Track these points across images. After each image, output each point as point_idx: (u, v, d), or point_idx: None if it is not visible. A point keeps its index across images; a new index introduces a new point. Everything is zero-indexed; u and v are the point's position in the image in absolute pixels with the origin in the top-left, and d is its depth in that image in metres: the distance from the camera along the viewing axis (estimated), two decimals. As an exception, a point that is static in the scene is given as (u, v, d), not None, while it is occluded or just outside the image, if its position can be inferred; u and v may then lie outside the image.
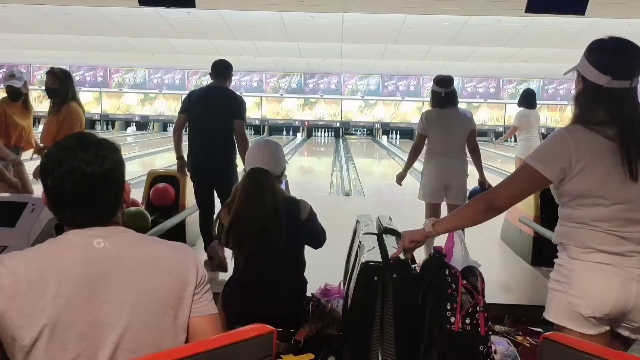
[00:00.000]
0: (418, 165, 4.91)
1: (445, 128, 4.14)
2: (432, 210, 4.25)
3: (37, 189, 5.00)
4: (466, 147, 4.25)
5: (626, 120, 1.66)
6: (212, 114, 4.12)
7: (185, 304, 1.34)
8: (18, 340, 1.22)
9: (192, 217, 4.75)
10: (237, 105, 4.21)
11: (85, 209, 1.31)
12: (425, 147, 4.27)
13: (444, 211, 4.25)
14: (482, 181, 4.30)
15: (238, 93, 4.43)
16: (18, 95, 4.98)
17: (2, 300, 1.22)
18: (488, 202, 1.80)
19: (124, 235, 1.35)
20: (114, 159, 1.35)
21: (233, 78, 4.40)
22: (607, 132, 1.65)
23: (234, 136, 4.14)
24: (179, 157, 4.40)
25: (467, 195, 4.24)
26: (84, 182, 1.29)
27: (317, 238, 2.64)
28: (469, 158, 4.28)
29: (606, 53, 1.71)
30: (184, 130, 4.32)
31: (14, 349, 1.23)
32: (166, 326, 1.30)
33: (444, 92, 4.14)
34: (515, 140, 7.93)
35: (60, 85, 4.71)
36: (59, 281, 1.24)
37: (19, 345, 1.22)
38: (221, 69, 4.31)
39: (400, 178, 4.50)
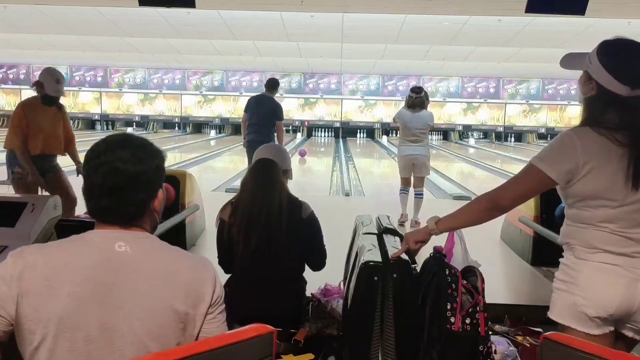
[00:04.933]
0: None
1: (410, 125, 5.79)
2: (405, 181, 6.04)
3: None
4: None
5: (638, 127, 1.65)
6: (261, 113, 6.70)
7: (197, 321, 1.31)
8: (29, 335, 1.22)
9: (192, 217, 4.76)
10: (277, 110, 6.79)
11: (110, 203, 1.31)
12: (398, 136, 6.12)
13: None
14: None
15: (237, 93, 6.19)
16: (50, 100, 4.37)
17: (18, 293, 1.22)
18: (492, 201, 1.79)
19: (146, 242, 1.33)
20: (150, 163, 1.34)
21: (233, 78, 5.31)
22: (616, 135, 1.64)
23: (275, 128, 6.75)
24: (245, 137, 6.87)
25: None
26: (113, 177, 1.30)
27: (318, 252, 2.62)
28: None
29: (624, 61, 1.67)
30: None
31: (24, 343, 1.23)
32: (174, 339, 1.29)
33: (414, 97, 5.79)
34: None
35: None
36: (73, 280, 1.23)
37: (29, 339, 1.22)
38: (270, 84, 6.95)
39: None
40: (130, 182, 1.31)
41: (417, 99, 5.73)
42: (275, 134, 6.83)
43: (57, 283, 1.22)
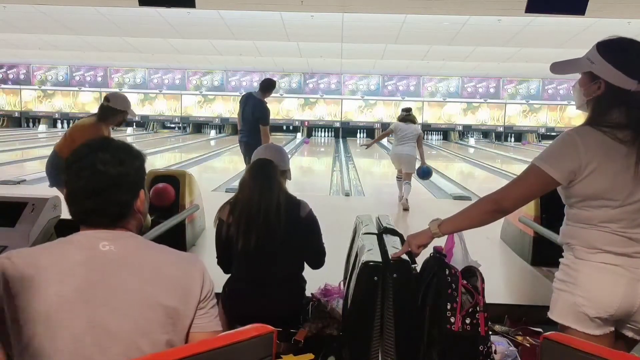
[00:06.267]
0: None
1: (402, 132, 7.27)
2: (399, 170, 7.38)
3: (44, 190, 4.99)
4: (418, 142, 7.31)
5: None
6: (245, 115, 6.60)
7: (187, 317, 1.32)
8: (16, 335, 1.23)
9: (192, 217, 4.75)
10: (261, 114, 6.50)
11: (94, 206, 1.33)
12: (393, 140, 7.50)
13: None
14: (423, 163, 7.36)
15: (237, 93, 6.34)
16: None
17: (4, 295, 1.23)
18: (495, 203, 1.78)
19: (130, 241, 1.34)
20: (131, 164, 1.37)
21: (233, 78, 5.20)
22: (617, 134, 1.64)
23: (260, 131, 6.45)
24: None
25: (415, 171, 7.32)
26: (96, 179, 1.32)
27: (317, 251, 2.63)
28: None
29: (631, 56, 1.67)
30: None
31: (12, 343, 1.24)
32: (163, 335, 1.29)
33: (405, 114, 7.41)
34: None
35: None
36: (60, 280, 1.24)
37: (17, 340, 1.23)
38: (262, 85, 6.75)
39: (367, 145, 8.64)
40: (113, 184, 1.33)
41: (407, 116, 7.44)
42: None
43: (43, 283, 1.24)
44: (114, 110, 4.48)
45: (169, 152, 16.37)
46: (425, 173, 7.44)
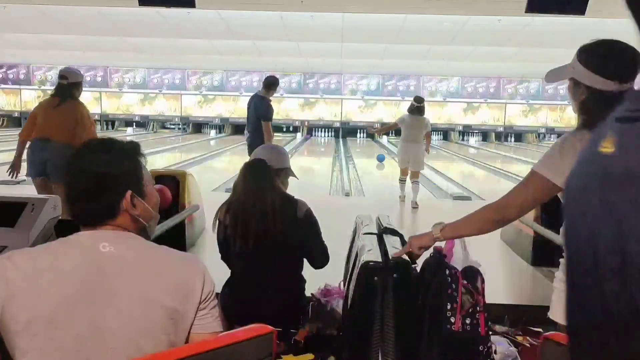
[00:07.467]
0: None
1: (409, 128, 7.12)
2: (403, 171, 7.35)
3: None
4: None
5: None
6: (249, 114, 6.76)
7: (188, 317, 1.32)
8: (16, 337, 1.23)
9: (192, 217, 4.75)
10: (262, 110, 6.56)
11: (85, 206, 1.34)
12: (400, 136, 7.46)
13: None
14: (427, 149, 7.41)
15: (237, 93, 6.84)
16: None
17: (5, 295, 1.23)
18: (498, 213, 1.77)
19: (131, 242, 1.35)
20: (119, 165, 1.37)
21: (233, 78, 5.39)
22: None
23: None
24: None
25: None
26: (92, 180, 1.34)
27: (318, 250, 2.60)
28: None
29: (605, 57, 1.68)
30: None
31: (12, 346, 1.24)
32: (164, 336, 1.29)
33: (415, 105, 7.22)
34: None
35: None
36: (61, 281, 1.24)
37: (17, 341, 1.23)
38: (265, 83, 6.74)
39: (376, 130, 10.00)
40: (109, 184, 1.34)
41: (418, 107, 7.18)
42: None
43: (45, 284, 1.24)
44: (77, 84, 4.61)
45: (169, 152, 16.36)
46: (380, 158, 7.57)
